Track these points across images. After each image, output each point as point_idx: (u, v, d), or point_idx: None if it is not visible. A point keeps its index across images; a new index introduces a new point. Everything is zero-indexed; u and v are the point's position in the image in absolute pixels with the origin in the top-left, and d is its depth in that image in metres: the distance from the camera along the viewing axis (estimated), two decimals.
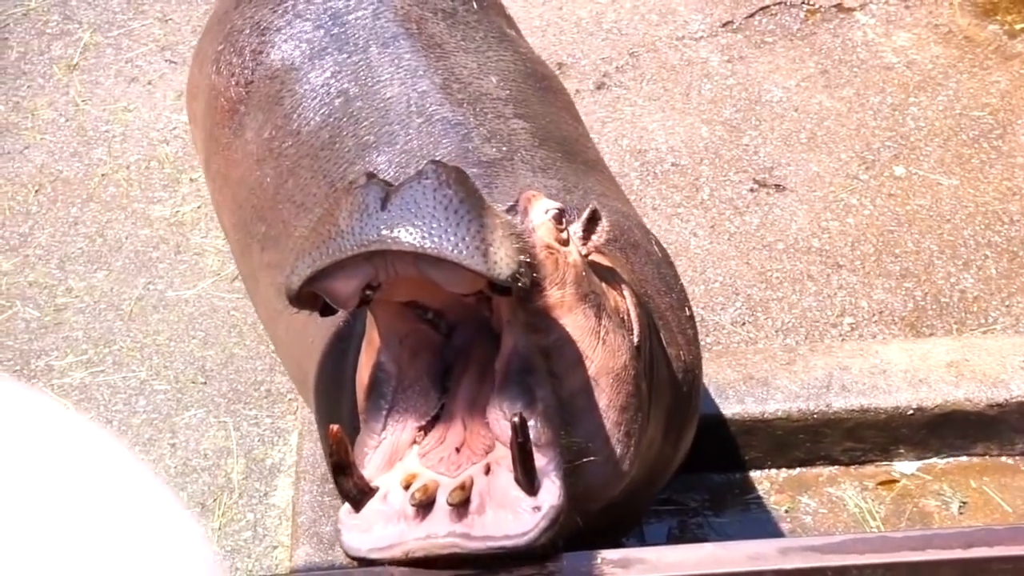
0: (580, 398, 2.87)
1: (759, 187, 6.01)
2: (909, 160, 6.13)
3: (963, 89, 6.49)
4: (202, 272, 5.76)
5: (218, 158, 4.54)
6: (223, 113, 4.43)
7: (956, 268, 5.63)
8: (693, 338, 3.80)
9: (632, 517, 3.88)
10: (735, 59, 6.68)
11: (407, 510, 2.65)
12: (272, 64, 4.26)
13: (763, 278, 5.61)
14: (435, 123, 3.85)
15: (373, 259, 2.56)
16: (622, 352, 2.97)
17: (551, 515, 2.63)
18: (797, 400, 4.83)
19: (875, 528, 4.69)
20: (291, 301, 2.68)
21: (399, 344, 2.84)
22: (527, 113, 4.07)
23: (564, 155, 4.00)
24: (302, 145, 4.06)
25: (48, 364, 5.42)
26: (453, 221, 2.51)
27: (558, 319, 2.83)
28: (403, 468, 2.75)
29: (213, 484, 5.00)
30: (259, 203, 4.17)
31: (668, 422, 3.47)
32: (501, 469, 2.67)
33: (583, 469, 2.84)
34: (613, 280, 3.16)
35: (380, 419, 2.81)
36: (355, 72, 4.09)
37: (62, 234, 5.97)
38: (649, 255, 3.77)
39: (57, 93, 6.67)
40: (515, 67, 4.28)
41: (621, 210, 3.91)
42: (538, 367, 2.77)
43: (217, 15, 4.71)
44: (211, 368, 5.39)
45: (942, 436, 4.90)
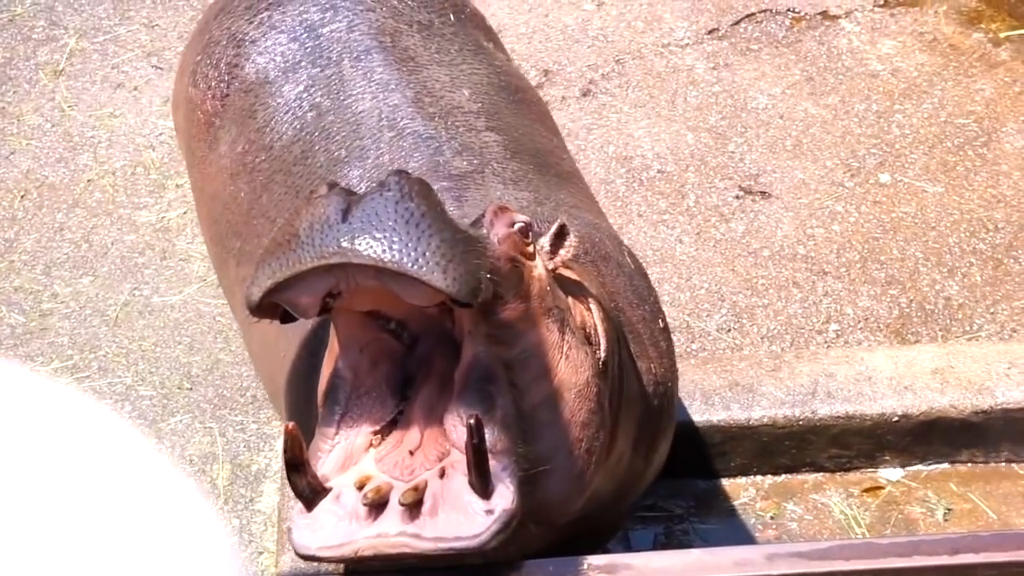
0: (541, 412, 2.86)
1: (745, 194, 6.03)
2: (894, 167, 6.15)
3: (948, 97, 6.52)
4: (188, 278, 5.76)
5: (195, 171, 4.54)
6: (199, 126, 4.41)
7: (941, 275, 5.65)
8: (667, 350, 3.79)
9: (607, 529, 3.88)
10: (721, 66, 6.70)
11: (359, 510, 2.65)
12: (247, 77, 4.24)
13: (749, 285, 5.62)
14: (406, 137, 3.84)
15: (333, 271, 2.56)
16: (585, 368, 2.97)
17: (503, 519, 2.63)
18: (783, 407, 4.84)
19: (860, 535, 4.70)
20: (251, 311, 2.68)
21: (359, 352, 2.84)
22: (499, 126, 4.06)
23: (536, 167, 3.99)
24: (275, 160, 4.05)
25: (34, 370, 5.39)
26: (414, 235, 2.52)
27: (521, 332, 2.82)
28: (357, 470, 2.74)
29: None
30: (233, 218, 4.15)
31: (638, 435, 3.46)
32: (456, 473, 2.67)
33: (542, 483, 2.84)
34: (580, 295, 3.15)
35: (333, 424, 2.81)
36: (328, 86, 4.07)
37: (47, 240, 5.96)
38: (621, 267, 3.76)
39: (43, 99, 6.66)
40: (489, 80, 4.26)
41: (593, 222, 3.90)
42: (499, 376, 2.77)
43: (200, 24, 4.70)
44: (196, 374, 5.39)
45: (927, 443, 4.91)
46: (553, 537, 3.10)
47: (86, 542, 1.53)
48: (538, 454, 2.82)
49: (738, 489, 4.90)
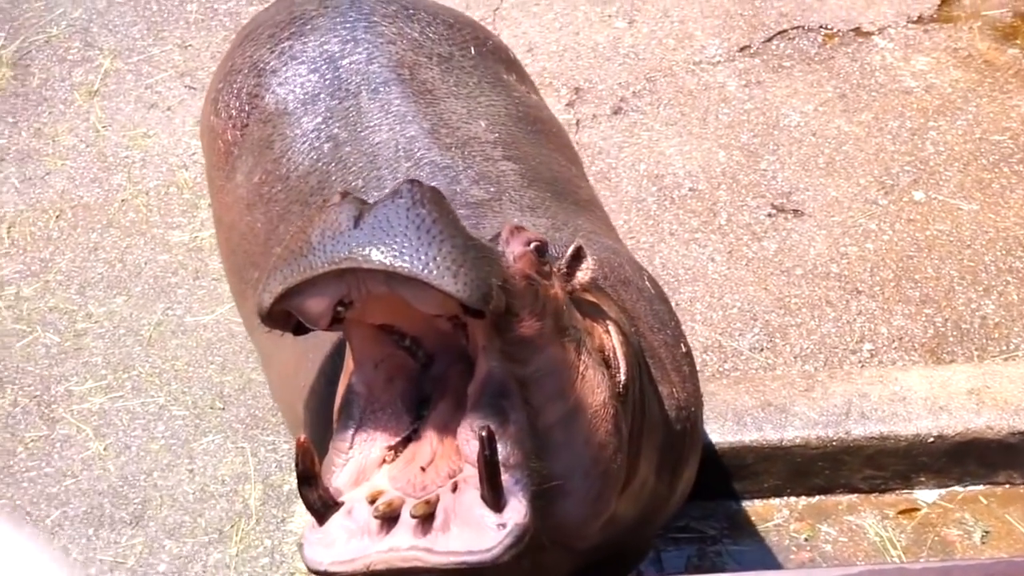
0: (557, 432, 2.84)
1: (777, 212, 6.00)
2: (929, 185, 6.11)
3: (983, 113, 6.47)
4: (220, 297, 5.77)
5: (215, 201, 4.56)
6: (219, 155, 4.44)
7: (977, 294, 5.61)
8: (690, 375, 3.77)
9: (634, 554, 3.86)
10: (752, 84, 6.67)
11: (371, 525, 2.65)
12: (266, 107, 4.26)
13: (781, 304, 5.59)
14: (423, 166, 3.85)
15: (344, 276, 2.56)
16: (602, 390, 2.95)
17: (516, 533, 2.61)
18: (816, 427, 4.82)
19: (896, 557, 4.67)
20: (263, 319, 2.68)
21: (374, 368, 2.83)
22: (516, 155, 4.07)
23: (554, 195, 3.99)
24: (291, 190, 4.06)
25: (68, 390, 5.43)
26: (425, 241, 2.52)
27: (536, 350, 2.81)
28: (370, 485, 2.74)
29: (231, 510, 4.99)
30: (251, 248, 4.16)
31: (661, 461, 3.44)
32: (468, 487, 2.65)
33: (558, 504, 2.82)
34: (598, 318, 3.14)
35: (347, 438, 2.81)
36: (345, 117, 4.08)
37: (82, 260, 5.99)
38: (641, 291, 3.75)
39: (78, 119, 6.70)
40: (507, 111, 4.27)
41: (612, 247, 3.89)
42: (512, 391, 2.75)
43: (227, 51, 4.73)
44: (229, 393, 5.40)
45: (963, 464, 4.87)
46: (579, 562, 3.08)
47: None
48: (553, 473, 2.80)
49: (771, 510, 4.88)
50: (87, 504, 5.04)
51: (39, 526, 4.97)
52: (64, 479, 5.12)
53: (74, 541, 4.93)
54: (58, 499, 5.06)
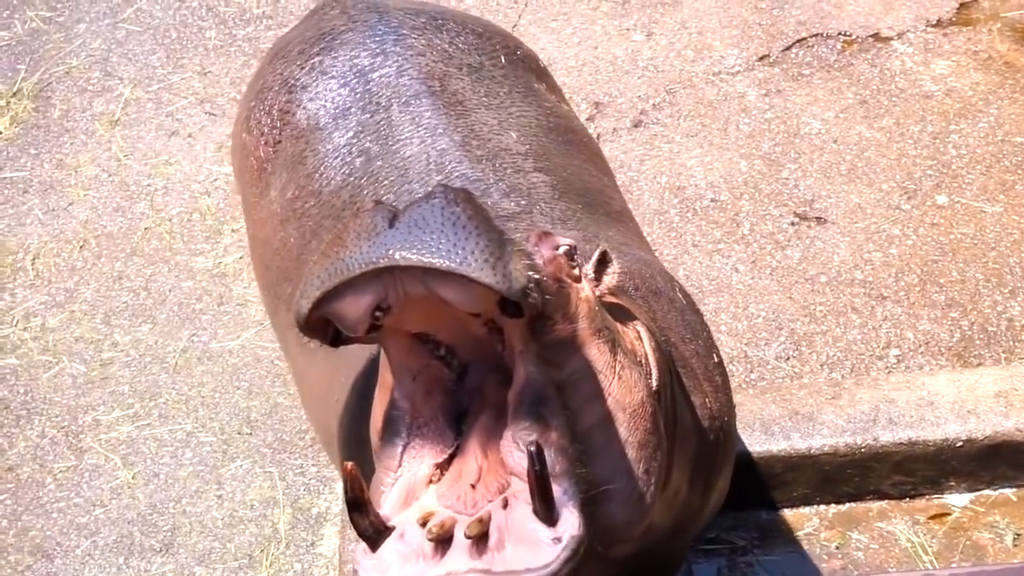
0: (597, 434, 2.83)
1: (800, 220, 5.98)
2: (951, 188, 6.09)
3: (1004, 115, 6.44)
4: (245, 322, 5.78)
5: (248, 217, 4.58)
6: (252, 172, 4.46)
7: (1003, 296, 5.57)
8: (722, 385, 3.75)
9: (666, 567, 3.84)
10: (772, 92, 6.66)
11: (425, 548, 2.62)
12: (298, 123, 4.28)
13: (806, 312, 5.57)
14: (454, 180, 3.85)
15: (382, 277, 2.54)
16: (639, 388, 2.94)
17: (572, 546, 2.59)
18: (844, 434, 4.79)
19: (928, 562, 4.63)
20: (301, 329, 2.66)
21: (412, 380, 2.82)
22: (547, 167, 4.06)
23: (585, 207, 3.99)
24: (324, 205, 4.07)
25: (95, 419, 5.45)
26: (462, 236, 2.51)
27: (571, 353, 2.80)
28: (420, 507, 2.72)
29: (260, 535, 5.00)
30: (284, 264, 4.17)
31: (694, 471, 3.42)
32: (519, 503, 2.63)
33: (604, 507, 2.80)
34: (628, 321, 3.14)
35: (395, 456, 2.79)
36: (377, 131, 4.09)
37: (107, 289, 6.01)
38: (672, 302, 3.74)
39: (100, 149, 6.73)
40: (538, 121, 4.27)
41: (643, 258, 3.89)
42: (551, 397, 2.73)
43: (257, 70, 4.75)
44: (256, 418, 5.41)
45: (993, 467, 4.84)
46: (612, 573, 3.06)
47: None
48: (595, 476, 2.78)
49: (801, 519, 4.86)
50: (117, 533, 5.05)
51: (69, 556, 4.99)
52: (93, 508, 5.14)
53: (104, 571, 4.94)
54: (88, 529, 5.07)
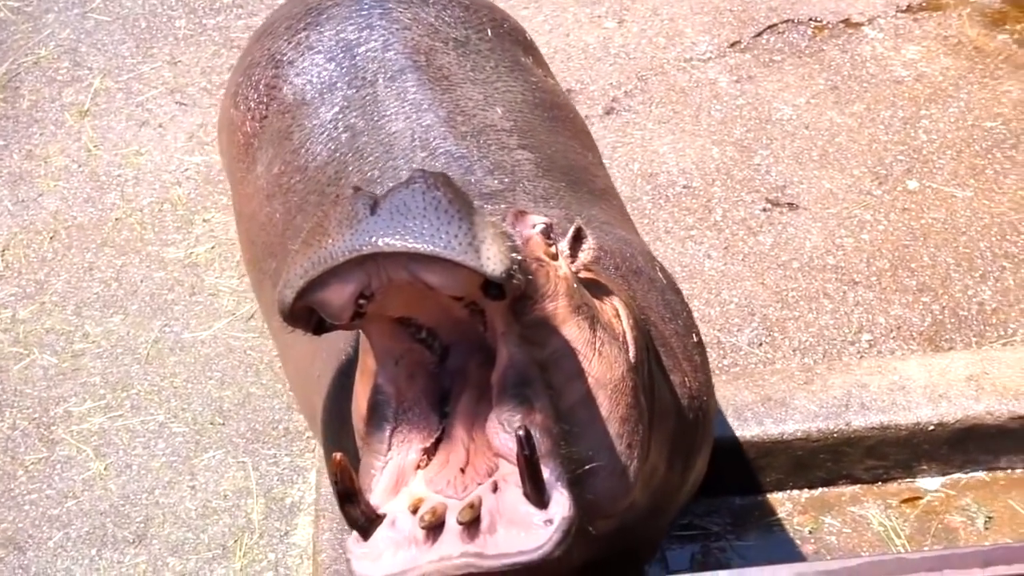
0: (580, 410, 2.85)
1: (772, 206, 5.99)
2: (922, 174, 6.10)
3: (974, 100, 6.46)
4: (217, 312, 5.76)
5: (235, 193, 4.59)
6: (239, 148, 4.46)
7: (973, 280, 5.59)
8: (701, 365, 3.76)
9: (645, 547, 3.85)
10: (744, 79, 6.66)
11: (417, 534, 2.63)
12: (284, 98, 4.28)
13: (779, 298, 5.58)
14: (438, 156, 3.85)
15: (365, 264, 2.53)
16: (619, 364, 2.95)
17: (563, 527, 2.60)
18: (816, 420, 4.80)
19: (900, 546, 4.65)
20: (285, 318, 2.66)
21: (395, 364, 2.82)
22: (532, 143, 4.06)
23: (569, 184, 3.99)
24: (309, 181, 4.07)
25: (67, 411, 5.42)
26: (444, 220, 2.50)
27: (552, 332, 2.81)
28: (409, 493, 2.72)
29: (234, 525, 4.98)
30: (269, 239, 4.17)
31: (673, 449, 3.43)
32: (509, 485, 2.64)
33: (590, 482, 2.81)
34: (606, 297, 3.14)
35: (384, 440, 2.79)
36: (362, 107, 4.09)
37: (78, 280, 5.98)
38: (653, 281, 3.75)
39: (69, 139, 6.70)
40: (523, 97, 4.26)
41: (624, 237, 3.89)
42: (534, 378, 2.74)
43: (246, 46, 4.74)
44: (229, 409, 5.39)
45: (965, 451, 4.86)
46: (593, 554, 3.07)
47: None
48: (580, 454, 2.79)
49: (775, 504, 4.86)
50: (89, 524, 5.03)
51: (42, 548, 4.96)
52: (65, 500, 5.12)
53: (77, 563, 4.92)
54: (60, 521, 5.05)
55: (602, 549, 3.11)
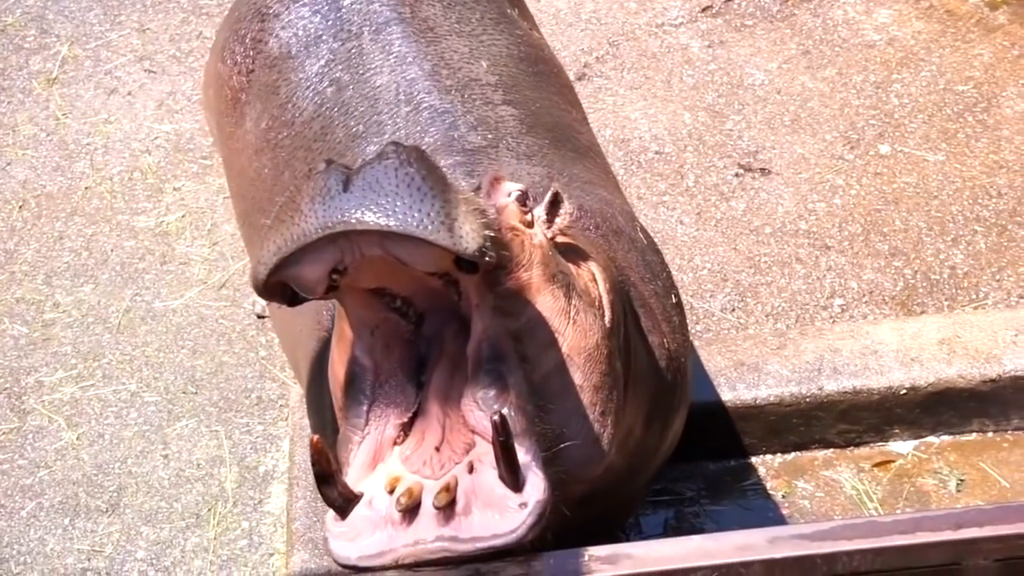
0: (553, 380, 2.85)
1: (744, 172, 5.99)
2: (894, 138, 6.11)
3: (946, 63, 6.47)
4: (188, 281, 5.74)
5: (224, 148, 4.57)
6: (227, 103, 4.44)
7: (945, 244, 5.60)
8: (679, 326, 3.76)
9: (622, 509, 3.86)
10: (716, 44, 6.65)
11: (393, 515, 2.64)
12: (271, 52, 4.26)
13: (751, 263, 5.58)
14: (422, 111, 3.84)
15: (338, 241, 2.53)
16: (594, 331, 2.94)
17: (537, 511, 2.61)
18: (789, 384, 4.81)
19: (872, 510, 4.67)
20: (259, 292, 2.66)
21: (371, 335, 2.82)
22: (517, 99, 4.05)
23: (552, 141, 3.98)
24: (296, 136, 4.06)
25: (38, 380, 5.40)
26: (416, 198, 2.49)
27: (527, 301, 2.80)
28: (386, 471, 2.72)
29: (207, 494, 4.97)
30: (258, 195, 4.16)
31: (651, 411, 3.44)
32: (485, 467, 2.65)
33: (563, 450, 2.81)
34: (583, 262, 3.13)
35: (362, 415, 2.79)
36: (348, 60, 4.07)
37: (47, 249, 5.95)
38: (633, 242, 3.74)
39: (37, 108, 6.65)
40: (508, 51, 4.24)
41: (605, 197, 3.88)
42: (508, 352, 2.74)
43: (234, 3, 4.71)
44: (201, 377, 5.37)
45: (937, 414, 4.87)
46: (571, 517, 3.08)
47: None
48: (554, 423, 2.80)
49: (748, 469, 4.88)
50: (62, 494, 5.01)
51: (14, 518, 4.94)
52: (38, 470, 5.10)
53: (50, 532, 4.90)
54: (32, 490, 5.03)
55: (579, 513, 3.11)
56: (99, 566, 4.79)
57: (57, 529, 4.91)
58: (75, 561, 4.81)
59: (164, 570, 4.76)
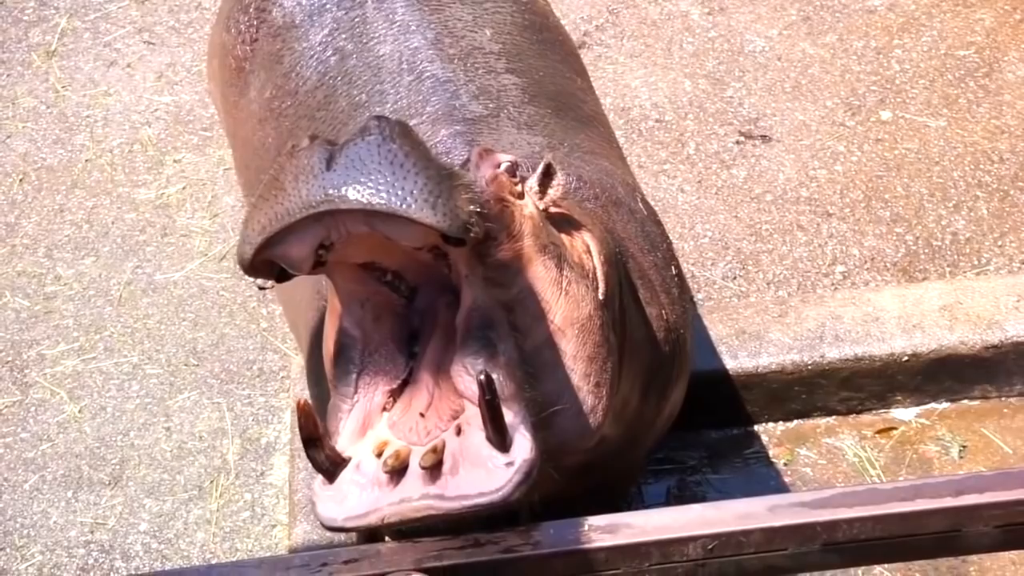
0: (546, 351, 2.84)
1: (745, 139, 5.97)
2: (895, 104, 6.08)
3: (947, 28, 6.43)
4: (189, 253, 5.73)
5: (228, 118, 4.56)
6: (231, 72, 4.43)
7: (947, 210, 5.59)
8: (678, 297, 3.75)
9: (622, 479, 3.86)
10: (716, 11, 6.62)
11: (380, 477, 2.63)
12: (274, 21, 4.24)
13: (752, 231, 5.57)
14: (424, 80, 3.83)
15: (323, 220, 2.52)
16: (586, 302, 2.93)
17: (524, 469, 2.60)
18: (791, 352, 4.81)
19: (875, 477, 4.67)
20: (245, 270, 2.64)
21: (361, 308, 2.81)
22: (520, 67, 4.03)
23: (555, 110, 3.96)
24: (300, 105, 4.05)
25: (40, 353, 5.40)
26: (400, 175, 2.47)
27: (518, 272, 2.79)
28: (375, 436, 2.72)
29: (209, 466, 4.98)
30: (262, 164, 4.15)
31: (648, 382, 3.43)
32: (472, 429, 2.64)
33: (555, 422, 2.81)
34: (578, 234, 3.12)
35: (351, 383, 2.78)
36: (351, 29, 4.05)
37: (48, 222, 5.94)
38: (633, 213, 3.73)
39: (37, 80, 6.63)
40: (512, 19, 4.21)
41: (605, 167, 3.87)
42: (499, 321, 2.74)
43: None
44: (202, 349, 5.37)
45: (939, 381, 4.87)
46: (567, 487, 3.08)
47: None
48: (546, 394, 2.80)
49: (750, 437, 4.88)
50: (65, 467, 5.02)
51: (17, 491, 4.95)
52: (40, 443, 5.10)
53: (53, 505, 4.91)
54: (35, 464, 5.04)
55: (578, 484, 3.11)
56: (102, 539, 4.80)
57: (60, 502, 4.92)
58: (78, 534, 4.83)
59: (167, 542, 4.77)
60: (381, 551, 2.71)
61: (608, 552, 2.69)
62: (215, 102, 4.89)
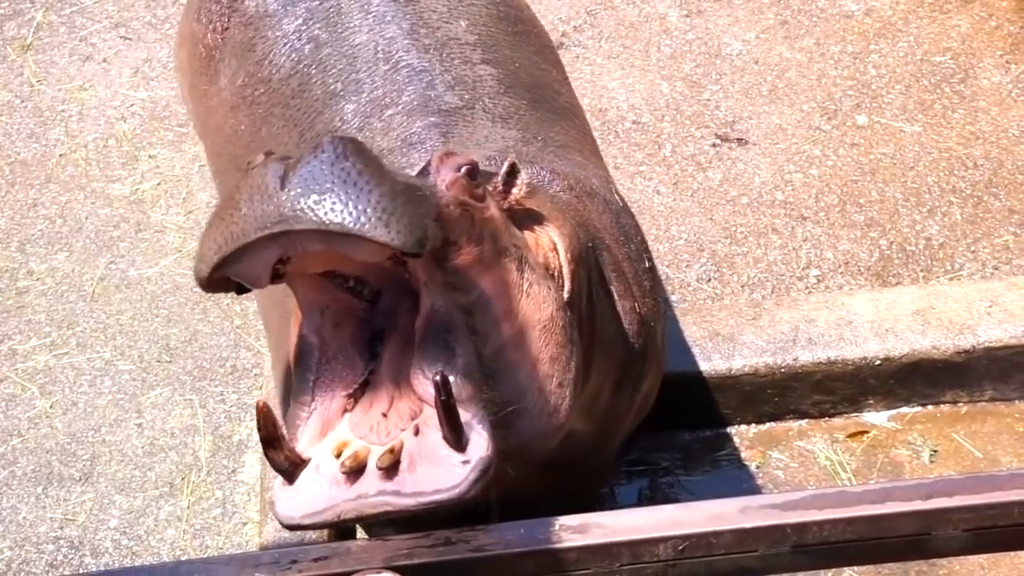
0: (507, 353, 2.84)
1: (721, 142, 5.98)
2: (871, 109, 6.10)
3: (923, 34, 6.46)
4: (163, 250, 5.71)
5: (199, 107, 4.54)
6: (201, 61, 4.41)
7: (921, 215, 5.61)
8: (651, 290, 3.76)
9: (596, 476, 3.86)
10: (693, 13, 6.63)
11: (339, 476, 2.63)
12: (247, 10, 4.23)
13: (727, 233, 5.58)
14: (400, 70, 3.83)
15: (278, 239, 2.53)
16: (548, 303, 2.94)
17: (480, 467, 2.61)
18: (764, 355, 4.82)
19: (846, 480, 4.69)
20: (203, 287, 2.65)
21: (320, 315, 2.81)
22: (496, 58, 4.03)
23: (530, 102, 3.96)
24: (273, 93, 4.04)
25: (11, 348, 5.37)
26: (353, 194, 2.48)
27: (478, 276, 2.79)
28: (335, 437, 2.72)
29: (181, 463, 4.96)
30: (235, 151, 4.14)
31: (620, 375, 3.44)
32: (429, 428, 2.64)
33: (515, 421, 2.82)
34: (543, 231, 3.12)
35: (307, 391, 2.79)
36: (326, 18, 4.05)
37: (21, 216, 5.91)
38: (608, 204, 3.74)
39: (11, 74, 6.60)
40: (488, 10, 4.21)
41: (579, 161, 3.87)
42: (457, 325, 2.74)
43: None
44: (175, 346, 5.35)
45: (911, 385, 4.89)
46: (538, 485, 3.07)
47: None
48: (506, 394, 2.80)
49: (722, 440, 4.89)
50: (35, 463, 5.00)
51: None
52: (10, 438, 5.08)
53: (23, 500, 4.89)
54: (5, 459, 5.02)
55: (550, 480, 3.12)
56: (72, 535, 4.78)
57: (30, 497, 4.90)
58: (48, 530, 4.81)
59: (137, 539, 4.76)
60: (351, 549, 2.71)
61: (579, 552, 2.70)
62: (183, 93, 4.87)
